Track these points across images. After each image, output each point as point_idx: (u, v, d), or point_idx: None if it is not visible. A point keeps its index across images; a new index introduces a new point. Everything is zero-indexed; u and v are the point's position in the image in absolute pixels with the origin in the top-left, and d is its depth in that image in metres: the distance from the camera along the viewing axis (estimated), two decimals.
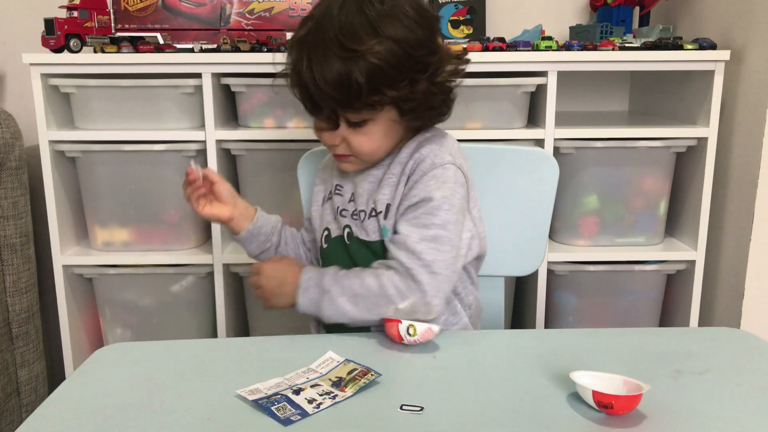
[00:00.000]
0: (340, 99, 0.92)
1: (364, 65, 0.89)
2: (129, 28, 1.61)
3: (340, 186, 1.06)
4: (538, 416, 0.74)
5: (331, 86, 0.90)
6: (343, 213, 1.04)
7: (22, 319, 1.61)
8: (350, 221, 1.03)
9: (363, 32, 0.89)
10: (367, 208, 1.01)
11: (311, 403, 0.76)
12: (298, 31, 0.94)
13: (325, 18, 0.91)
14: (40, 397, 1.67)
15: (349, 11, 0.90)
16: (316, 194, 1.11)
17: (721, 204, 1.62)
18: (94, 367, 0.87)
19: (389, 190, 1.00)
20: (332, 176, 1.09)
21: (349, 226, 1.03)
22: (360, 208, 1.02)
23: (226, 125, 1.61)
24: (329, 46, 0.89)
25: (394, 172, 1.00)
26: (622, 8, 1.80)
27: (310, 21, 0.93)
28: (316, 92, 0.92)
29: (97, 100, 1.54)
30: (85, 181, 1.60)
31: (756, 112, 1.50)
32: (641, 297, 1.68)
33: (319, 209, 1.09)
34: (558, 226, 1.66)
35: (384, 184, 1.00)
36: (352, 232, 1.03)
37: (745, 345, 0.93)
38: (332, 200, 1.07)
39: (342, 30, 0.89)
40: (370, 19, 0.90)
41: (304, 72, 0.91)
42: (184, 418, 0.74)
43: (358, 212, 1.02)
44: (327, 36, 0.89)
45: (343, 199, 1.05)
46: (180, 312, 1.68)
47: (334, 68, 0.89)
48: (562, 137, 1.55)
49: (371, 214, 1.01)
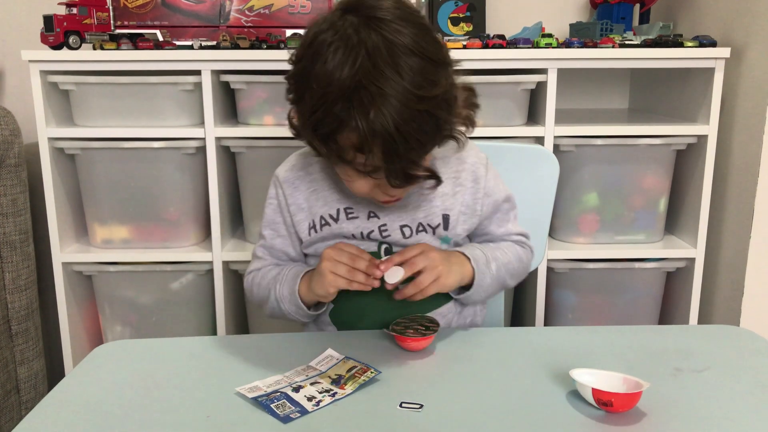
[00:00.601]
0: (431, 145, 0.85)
1: (443, 104, 0.83)
2: (128, 25, 1.61)
3: (350, 209, 0.98)
4: (538, 414, 0.74)
5: (424, 140, 0.82)
6: (372, 236, 0.97)
7: (22, 317, 1.61)
8: (387, 241, 0.98)
9: (426, 70, 0.81)
10: (413, 224, 0.98)
11: (311, 400, 0.76)
12: (354, 103, 0.79)
13: (376, 75, 0.78)
14: (40, 394, 1.67)
15: (392, 56, 0.79)
16: (299, 224, 1.01)
17: (721, 202, 1.62)
18: (94, 365, 0.87)
19: (441, 200, 0.99)
20: (327, 202, 0.99)
21: (388, 243, 0.98)
22: (402, 224, 0.98)
23: (225, 122, 1.61)
24: (406, 103, 0.79)
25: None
26: (622, 5, 1.80)
27: (355, 91, 0.79)
28: (406, 153, 0.82)
29: (97, 97, 1.54)
30: (85, 179, 1.60)
31: (756, 109, 1.49)
32: (641, 295, 1.68)
33: (307, 237, 1.00)
34: (558, 224, 1.66)
35: (430, 195, 0.98)
36: (391, 248, 0.98)
37: (744, 342, 0.93)
38: (331, 226, 0.99)
39: (404, 77, 0.79)
40: (419, 52, 0.80)
41: (394, 138, 0.79)
42: (183, 415, 0.74)
43: (399, 229, 0.97)
44: (397, 96, 0.78)
45: (359, 222, 0.98)
46: (179, 309, 1.67)
47: (420, 121, 0.80)
48: (562, 135, 1.55)
49: (419, 229, 0.98)
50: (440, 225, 0.99)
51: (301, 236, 1.02)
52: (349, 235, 0.98)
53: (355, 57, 0.78)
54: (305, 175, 1.01)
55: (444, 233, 0.99)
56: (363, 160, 0.83)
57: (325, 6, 1.60)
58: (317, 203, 1.00)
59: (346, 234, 0.98)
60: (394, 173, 0.84)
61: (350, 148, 0.83)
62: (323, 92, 0.80)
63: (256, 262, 1.06)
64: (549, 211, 1.25)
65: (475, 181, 1.01)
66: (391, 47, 0.79)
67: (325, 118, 0.81)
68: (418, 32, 0.81)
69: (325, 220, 0.99)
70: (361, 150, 0.82)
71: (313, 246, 1.02)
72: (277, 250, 1.04)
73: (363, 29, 0.80)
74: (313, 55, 0.82)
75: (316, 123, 0.82)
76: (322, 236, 1.00)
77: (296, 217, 1.01)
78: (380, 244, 0.99)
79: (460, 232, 1.01)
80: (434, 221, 0.99)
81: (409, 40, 0.80)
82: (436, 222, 0.99)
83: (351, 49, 0.79)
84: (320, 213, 0.99)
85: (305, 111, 0.84)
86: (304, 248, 1.04)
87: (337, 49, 0.79)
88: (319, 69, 0.80)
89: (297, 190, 1.01)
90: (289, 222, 1.02)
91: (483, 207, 1.02)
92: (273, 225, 1.04)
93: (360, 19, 0.81)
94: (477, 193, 1.01)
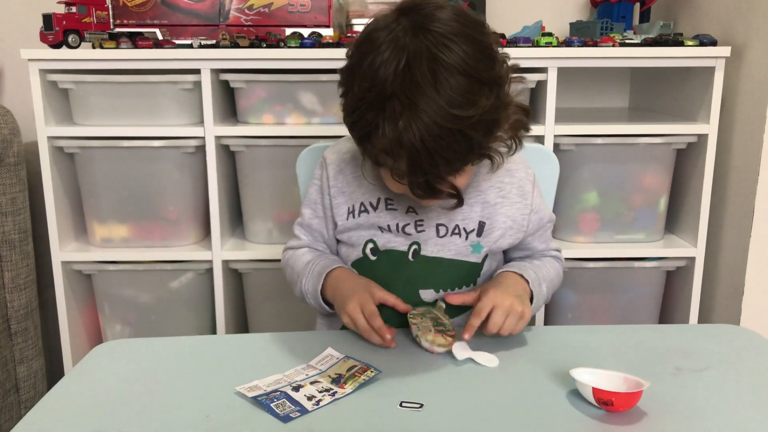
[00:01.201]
0: (460, 164, 0.84)
1: (479, 125, 0.81)
2: (127, 24, 1.60)
3: (390, 200, 0.99)
4: (538, 413, 0.74)
5: (452, 158, 0.82)
6: (407, 230, 0.98)
7: (21, 316, 1.60)
8: (420, 237, 0.99)
9: (468, 89, 0.79)
10: (450, 225, 0.99)
11: (310, 399, 0.76)
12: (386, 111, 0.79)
13: (411, 87, 0.78)
14: (39, 393, 1.67)
15: (432, 72, 0.78)
16: (337, 207, 1.02)
17: (721, 201, 1.62)
18: (93, 364, 0.87)
19: (480, 207, 0.99)
20: (369, 190, 1.00)
21: (418, 243, 0.99)
22: (439, 222, 0.98)
23: (225, 121, 1.61)
24: (438, 121, 0.78)
25: (481, 188, 0.99)
26: (622, 4, 1.79)
27: (388, 99, 0.79)
28: (431, 168, 0.81)
29: (96, 95, 1.54)
30: (84, 177, 1.60)
31: (756, 108, 1.49)
32: (641, 294, 1.68)
33: (344, 222, 1.02)
34: (558, 223, 1.65)
35: (472, 200, 0.98)
36: (420, 249, 0.99)
37: (745, 342, 0.93)
38: (369, 214, 1.00)
39: (442, 94, 0.78)
40: (465, 71, 0.79)
41: (419, 152, 0.79)
42: (183, 415, 0.74)
43: (435, 226, 0.98)
44: (428, 112, 0.78)
45: (397, 214, 0.99)
46: (179, 308, 1.67)
47: (450, 140, 0.79)
48: (562, 134, 1.55)
49: (454, 231, 0.99)
50: (474, 230, 0.99)
51: (337, 220, 1.03)
52: (385, 226, 0.99)
53: (397, 63, 0.79)
54: (351, 160, 1.02)
55: (477, 239, 1.00)
56: (391, 164, 0.84)
57: (325, 5, 1.60)
58: (359, 190, 1.01)
59: (381, 225, 0.99)
60: (417, 185, 0.84)
61: (382, 152, 0.84)
62: (362, 95, 0.81)
63: (293, 240, 1.09)
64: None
65: (522, 197, 1.01)
66: (434, 62, 0.78)
67: (360, 121, 0.83)
68: (471, 50, 0.80)
69: (365, 207, 1.00)
70: (391, 155, 0.83)
71: (347, 233, 1.03)
72: (314, 230, 1.07)
73: (411, 36, 0.80)
74: (362, 53, 0.83)
75: (353, 123, 0.85)
76: (358, 223, 1.00)
77: (335, 200, 1.02)
78: (411, 245, 0.99)
79: (503, 244, 1.02)
80: (470, 226, 0.99)
81: (458, 58, 0.79)
82: (471, 227, 0.99)
83: (397, 52, 0.79)
84: (361, 199, 1.00)
85: (347, 109, 0.86)
86: (338, 233, 1.04)
87: (385, 50, 0.80)
88: (366, 68, 0.81)
89: (341, 173, 1.02)
90: (328, 204, 1.03)
91: (530, 224, 1.02)
92: (313, 205, 1.06)
93: (411, 24, 0.81)
94: (524, 210, 1.01)
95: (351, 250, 1.03)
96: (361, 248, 1.02)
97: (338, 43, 1.51)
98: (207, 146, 1.54)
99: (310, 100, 1.57)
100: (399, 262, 1.00)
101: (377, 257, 1.01)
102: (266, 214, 1.63)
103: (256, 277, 1.66)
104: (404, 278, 0.99)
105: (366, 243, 1.01)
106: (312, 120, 1.58)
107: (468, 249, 1.00)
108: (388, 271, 1.00)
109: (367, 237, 1.01)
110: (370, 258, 1.01)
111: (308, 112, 1.58)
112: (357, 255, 1.02)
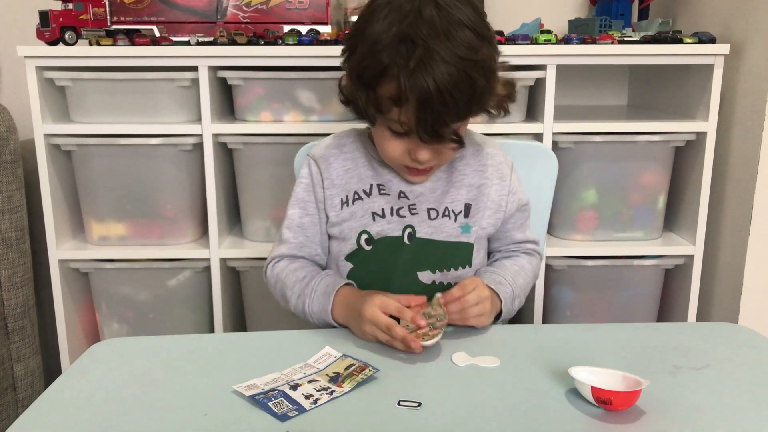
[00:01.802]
0: (465, 109, 0.91)
1: (482, 71, 0.89)
2: (125, 21, 1.60)
3: (382, 186, 1.03)
4: (537, 412, 0.73)
5: (459, 99, 0.88)
6: (401, 212, 1.02)
7: (18, 314, 1.60)
8: (413, 220, 1.02)
9: (474, 41, 0.88)
10: (439, 208, 1.03)
11: (308, 398, 0.75)
12: (399, 53, 0.87)
13: (425, 33, 0.86)
14: (36, 392, 1.66)
15: (444, 22, 0.87)
16: (330, 198, 1.04)
17: (719, 199, 1.62)
18: (90, 362, 0.87)
19: (466, 190, 1.05)
20: (361, 177, 1.04)
21: (412, 226, 1.01)
22: (429, 206, 1.03)
23: (222, 119, 1.60)
24: (448, 61, 0.85)
25: (465, 172, 1.05)
26: (621, 2, 1.79)
27: (401, 42, 0.87)
28: (440, 109, 0.87)
29: (93, 93, 1.53)
30: (81, 175, 1.60)
31: (755, 106, 1.49)
32: (639, 292, 1.68)
33: (338, 213, 1.03)
34: (556, 221, 1.65)
35: (458, 183, 1.04)
36: (414, 232, 1.01)
37: (743, 340, 0.93)
38: (363, 201, 1.02)
39: (454, 43, 0.86)
40: (470, 26, 0.89)
41: (431, 92, 0.85)
42: (180, 413, 0.73)
43: (426, 210, 1.02)
44: (441, 53, 0.85)
45: (390, 198, 1.02)
46: (177, 307, 1.67)
47: (458, 81, 0.86)
48: (560, 131, 1.54)
49: (444, 213, 1.03)
50: (462, 212, 1.04)
51: (330, 212, 1.04)
52: (379, 211, 1.02)
53: (404, 18, 0.87)
54: (339, 153, 1.06)
55: (465, 221, 1.04)
56: (397, 116, 0.90)
57: (323, 3, 1.59)
58: (351, 180, 1.04)
59: (375, 210, 1.02)
60: (424, 127, 0.89)
61: (388, 100, 0.89)
62: (374, 41, 0.88)
63: (281, 247, 1.07)
64: (548, 209, 1.25)
65: (500, 179, 1.06)
66: (447, 18, 0.87)
67: (371, 66, 0.89)
68: (473, 13, 0.90)
69: (358, 195, 1.03)
70: (397, 102, 0.88)
71: (339, 226, 1.04)
72: (306, 228, 1.06)
73: (421, 2, 0.88)
74: (366, 18, 0.91)
75: (362, 71, 0.91)
76: (351, 212, 1.03)
77: (329, 192, 1.04)
78: (405, 228, 1.01)
79: (485, 225, 1.06)
80: (457, 208, 1.04)
81: (464, 16, 0.88)
82: (459, 209, 1.04)
83: (406, 13, 0.87)
84: (354, 188, 1.03)
85: (354, 63, 0.93)
86: (330, 227, 1.05)
87: (389, 13, 0.88)
88: (370, 29, 0.89)
89: (331, 166, 1.05)
90: (321, 197, 1.05)
91: (508, 204, 1.07)
92: (302, 203, 1.06)
93: None
94: (502, 190, 1.06)
95: (343, 243, 1.04)
96: (354, 240, 1.03)
97: (336, 41, 1.51)
98: (204, 144, 1.54)
99: (308, 98, 1.57)
100: (395, 247, 1.02)
101: (372, 246, 1.02)
102: (264, 212, 1.63)
103: (254, 275, 1.66)
104: (401, 262, 1.01)
105: (360, 234, 1.02)
106: (310, 117, 1.58)
107: (458, 230, 1.04)
108: (385, 258, 1.01)
109: (360, 228, 1.02)
110: (365, 248, 1.02)
111: (306, 110, 1.57)
112: (351, 248, 1.03)
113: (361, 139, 1.07)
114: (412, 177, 1.02)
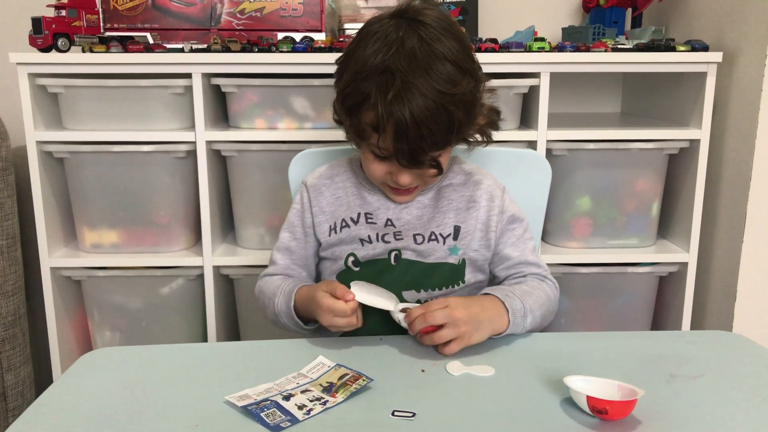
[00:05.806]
0: (442, 139, 0.94)
1: (461, 104, 0.92)
2: (118, 28, 1.59)
3: (370, 215, 1.06)
4: (532, 421, 0.73)
5: (435, 130, 0.91)
6: (386, 238, 1.04)
7: (9, 322, 1.59)
8: (398, 245, 1.03)
9: (454, 75, 0.91)
10: (425, 233, 1.04)
11: (301, 409, 0.75)
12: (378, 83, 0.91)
13: (404, 66, 0.90)
14: (27, 401, 1.65)
15: (425, 55, 0.90)
16: (319, 225, 1.08)
17: (713, 206, 1.62)
18: (82, 372, 0.86)
19: (454, 213, 1.06)
20: (350, 206, 1.07)
21: (398, 250, 1.03)
22: (416, 233, 1.04)
23: (216, 126, 1.60)
24: (426, 94, 0.89)
25: (452, 197, 1.07)
26: (614, 10, 1.80)
27: (381, 73, 0.90)
28: (416, 139, 0.91)
29: (86, 100, 1.53)
30: (74, 182, 1.59)
31: (748, 113, 1.50)
32: (633, 299, 1.67)
33: (327, 239, 1.07)
34: (550, 228, 1.65)
35: (444, 209, 1.06)
36: (400, 254, 1.03)
37: (738, 348, 0.93)
38: (350, 228, 1.06)
39: (433, 76, 0.90)
40: (452, 60, 0.91)
41: (407, 123, 0.89)
42: (171, 424, 0.73)
43: (412, 236, 1.04)
44: (419, 86, 0.89)
45: (377, 227, 1.05)
46: (169, 315, 1.66)
47: (435, 114, 0.90)
48: (554, 139, 1.55)
49: (431, 237, 1.04)
50: (450, 235, 1.05)
51: (320, 238, 1.08)
52: (366, 237, 1.04)
53: (388, 49, 0.91)
54: (331, 183, 1.10)
55: (453, 243, 1.04)
56: (377, 142, 0.93)
57: (317, 10, 1.59)
58: (340, 208, 1.08)
59: (362, 236, 1.05)
60: (402, 154, 0.93)
61: (369, 126, 0.94)
62: (358, 70, 0.93)
63: (270, 267, 1.12)
64: (541, 216, 1.25)
65: (490, 200, 1.07)
66: (428, 51, 0.91)
67: (353, 93, 0.93)
68: (456, 45, 0.93)
69: (346, 222, 1.06)
70: (376, 130, 0.92)
71: (330, 249, 1.07)
72: (293, 252, 1.10)
73: (405, 30, 0.92)
74: (356, 44, 0.96)
75: (345, 97, 0.96)
76: (340, 238, 1.06)
77: (317, 219, 1.08)
78: (390, 251, 1.03)
79: (476, 247, 1.06)
80: (446, 231, 1.05)
81: (446, 49, 0.91)
82: (447, 232, 1.05)
83: (390, 43, 0.91)
84: (342, 216, 1.07)
85: (341, 87, 0.97)
86: (322, 251, 1.09)
87: (377, 40, 0.92)
88: (359, 54, 0.94)
89: (321, 195, 1.09)
90: (309, 223, 1.09)
91: (498, 224, 1.07)
92: (292, 228, 1.11)
93: (404, 22, 0.94)
94: (492, 210, 1.07)
95: (334, 264, 1.08)
96: (343, 261, 1.05)
97: (330, 48, 1.51)
98: (198, 151, 1.53)
99: (302, 105, 1.56)
100: (381, 268, 1.04)
101: (360, 268, 1.05)
102: (258, 220, 1.62)
103: (248, 283, 1.65)
104: (387, 281, 1.02)
105: (348, 256, 1.05)
106: (304, 125, 1.58)
107: (446, 252, 1.04)
108: (372, 277, 1.02)
109: (348, 251, 1.05)
110: (353, 269, 1.05)
111: (300, 117, 1.57)
112: (340, 267, 1.06)
113: (352, 169, 1.11)
114: (396, 197, 1.05)
